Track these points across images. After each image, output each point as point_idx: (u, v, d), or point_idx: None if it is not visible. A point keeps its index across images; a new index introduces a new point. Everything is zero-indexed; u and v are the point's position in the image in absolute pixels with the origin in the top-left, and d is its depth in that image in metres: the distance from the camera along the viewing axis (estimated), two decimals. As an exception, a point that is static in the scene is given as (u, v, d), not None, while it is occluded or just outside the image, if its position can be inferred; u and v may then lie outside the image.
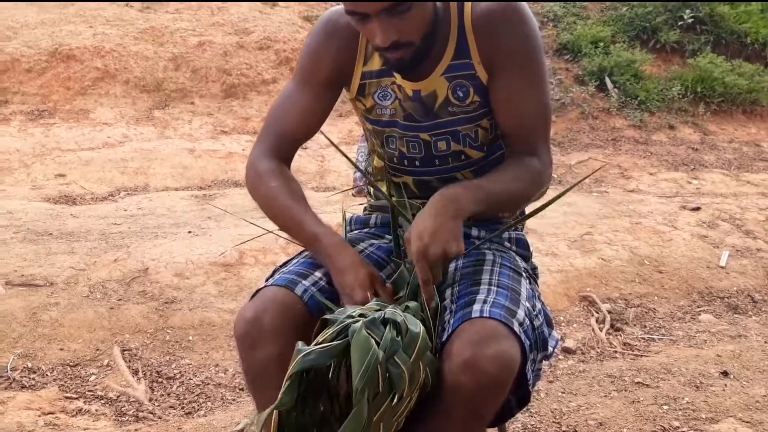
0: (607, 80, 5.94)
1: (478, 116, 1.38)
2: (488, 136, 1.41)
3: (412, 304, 1.17)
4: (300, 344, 1.03)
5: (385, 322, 1.05)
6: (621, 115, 5.76)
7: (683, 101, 5.96)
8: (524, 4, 1.33)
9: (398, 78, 1.36)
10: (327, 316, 1.09)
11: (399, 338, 1.04)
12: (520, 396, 1.27)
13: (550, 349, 1.37)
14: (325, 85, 1.42)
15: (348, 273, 1.29)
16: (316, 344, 1.03)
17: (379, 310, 1.11)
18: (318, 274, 1.35)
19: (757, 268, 3.56)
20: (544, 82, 1.36)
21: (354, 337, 1.00)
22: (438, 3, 1.30)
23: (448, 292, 1.33)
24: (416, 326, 1.07)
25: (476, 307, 1.22)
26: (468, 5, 1.33)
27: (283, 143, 1.44)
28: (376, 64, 1.38)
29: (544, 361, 1.37)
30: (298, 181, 1.44)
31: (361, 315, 1.06)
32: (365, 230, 1.52)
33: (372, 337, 1.02)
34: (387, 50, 1.25)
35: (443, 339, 1.22)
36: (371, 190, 1.57)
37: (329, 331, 1.05)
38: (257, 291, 1.34)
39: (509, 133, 1.39)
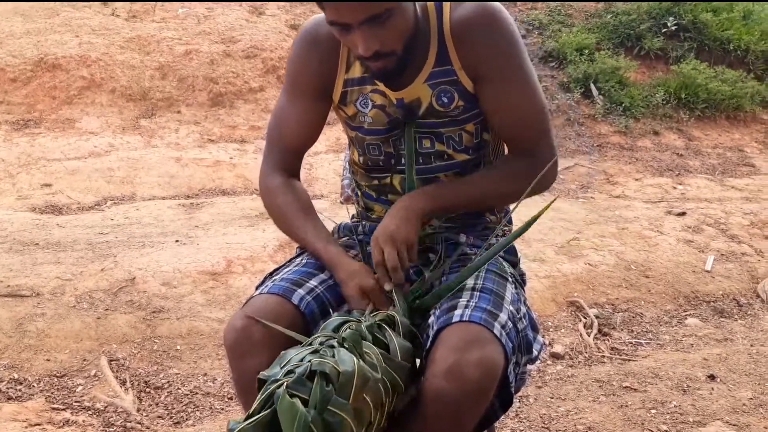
0: (593, 87, 5.99)
1: (462, 120, 1.39)
2: (473, 140, 1.42)
3: (348, 333, 1.13)
4: (231, 422, 1.03)
5: (312, 374, 1.03)
6: (606, 122, 5.81)
7: (667, 107, 6.01)
8: (500, 6, 1.33)
9: (381, 85, 1.37)
10: (260, 375, 1.08)
11: (330, 387, 1.02)
12: (503, 399, 1.27)
13: (535, 352, 1.38)
14: (312, 97, 1.44)
15: (345, 285, 1.33)
16: (246, 417, 1.02)
17: (316, 351, 1.09)
18: (313, 282, 1.36)
19: (742, 272, 3.59)
20: (532, 82, 1.37)
21: (278, 405, 0.99)
22: (418, 10, 1.31)
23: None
24: (349, 363, 1.05)
25: (457, 312, 1.23)
26: (447, 11, 1.33)
27: (286, 156, 1.49)
28: (357, 71, 1.39)
29: (529, 365, 1.38)
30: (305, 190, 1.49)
31: (289, 372, 1.04)
32: (353, 237, 1.53)
33: (299, 396, 1.00)
34: (370, 60, 1.26)
35: (426, 345, 1.23)
36: (359, 197, 1.58)
37: (258, 399, 1.04)
38: (249, 299, 1.35)
39: (507, 138, 1.42)
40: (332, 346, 1.09)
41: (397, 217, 1.32)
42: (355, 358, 1.07)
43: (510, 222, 1.58)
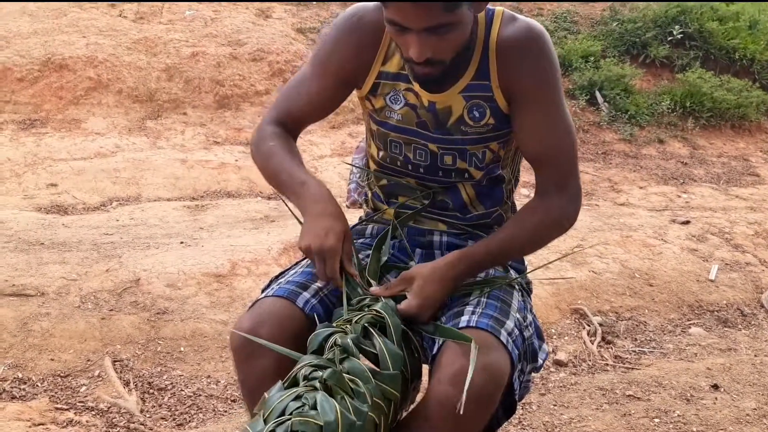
0: (598, 94, 5.99)
1: (489, 138, 1.38)
2: (493, 157, 1.42)
3: (329, 373, 1.11)
4: None
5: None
6: (611, 129, 5.81)
7: (672, 116, 6.01)
8: (546, 33, 1.33)
9: (416, 86, 1.36)
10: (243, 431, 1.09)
11: None
12: (506, 406, 1.27)
13: (540, 361, 1.38)
14: (337, 80, 1.42)
15: (323, 220, 1.30)
16: None
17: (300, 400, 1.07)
18: (318, 284, 1.36)
19: (746, 281, 3.59)
20: (565, 113, 1.36)
21: None
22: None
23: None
24: (330, 413, 1.05)
25: (464, 318, 1.24)
26: (496, 26, 1.32)
27: (289, 120, 1.47)
28: (394, 66, 1.38)
29: (533, 373, 1.38)
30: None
31: None
32: (360, 240, 1.53)
33: None
34: (418, 64, 1.25)
35: (434, 351, 1.24)
36: (369, 198, 1.58)
37: None
38: (255, 302, 1.35)
39: (535, 163, 1.40)
40: (315, 388, 1.09)
41: (440, 288, 1.29)
42: (336, 405, 1.06)
43: None
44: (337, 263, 1.29)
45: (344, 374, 1.11)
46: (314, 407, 1.05)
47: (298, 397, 1.08)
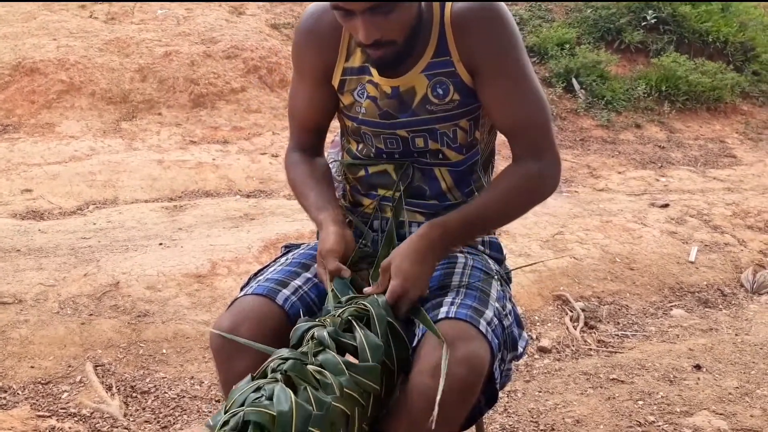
0: (574, 81, 6.01)
1: (457, 115, 1.38)
2: (467, 138, 1.41)
3: (289, 364, 1.11)
4: None
5: (247, 424, 1.03)
6: (588, 116, 5.84)
7: (649, 100, 6.05)
8: (502, 3, 1.33)
9: (375, 75, 1.36)
10: (206, 425, 1.09)
11: None
12: (488, 395, 1.27)
13: (520, 349, 1.38)
14: (315, 81, 1.44)
15: (320, 245, 1.35)
16: None
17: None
18: (297, 281, 1.36)
19: (726, 262, 3.62)
20: (532, 80, 1.35)
21: None
22: (423, 4, 1.30)
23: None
24: (285, 403, 1.04)
25: (443, 309, 1.23)
26: (449, 4, 1.33)
27: (302, 135, 1.52)
28: (357, 60, 1.38)
29: (514, 362, 1.38)
30: (317, 164, 1.52)
31: (224, 423, 1.04)
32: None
33: None
34: (369, 47, 1.26)
35: (414, 344, 1.23)
36: (347, 192, 1.57)
37: None
38: (234, 300, 1.34)
39: (508, 134, 1.39)
40: (277, 380, 1.08)
41: (416, 261, 1.26)
42: (293, 396, 1.05)
43: None
44: (325, 282, 1.32)
45: (311, 366, 1.10)
46: (271, 398, 1.05)
47: (258, 389, 1.08)
